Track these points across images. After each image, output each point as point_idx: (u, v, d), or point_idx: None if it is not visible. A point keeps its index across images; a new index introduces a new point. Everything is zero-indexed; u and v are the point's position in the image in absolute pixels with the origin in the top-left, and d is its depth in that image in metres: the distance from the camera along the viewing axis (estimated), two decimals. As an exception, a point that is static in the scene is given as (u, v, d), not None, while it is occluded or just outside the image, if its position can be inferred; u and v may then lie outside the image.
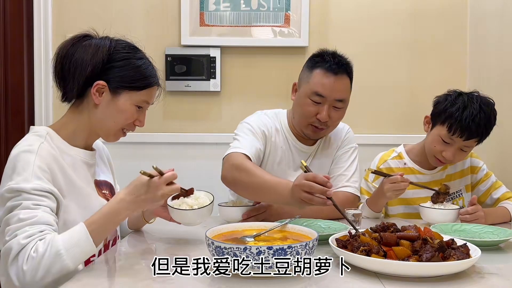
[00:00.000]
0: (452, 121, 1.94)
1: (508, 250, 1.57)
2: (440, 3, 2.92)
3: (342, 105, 1.96)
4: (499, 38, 2.57)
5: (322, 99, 1.93)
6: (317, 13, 2.90)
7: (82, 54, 1.47)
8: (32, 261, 1.22)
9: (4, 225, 1.31)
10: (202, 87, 2.88)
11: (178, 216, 1.56)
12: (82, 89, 1.49)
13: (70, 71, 1.47)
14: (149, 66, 1.55)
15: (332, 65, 1.93)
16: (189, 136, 2.91)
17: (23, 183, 1.31)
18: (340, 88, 1.94)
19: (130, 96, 1.51)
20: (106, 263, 1.41)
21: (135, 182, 1.39)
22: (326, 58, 1.95)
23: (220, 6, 2.87)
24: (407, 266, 1.23)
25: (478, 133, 1.94)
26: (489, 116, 1.95)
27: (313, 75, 1.95)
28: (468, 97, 1.98)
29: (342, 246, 1.35)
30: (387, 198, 1.92)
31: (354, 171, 2.08)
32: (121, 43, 1.53)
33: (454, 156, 2.01)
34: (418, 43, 2.93)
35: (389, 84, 2.94)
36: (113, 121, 1.51)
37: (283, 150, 2.06)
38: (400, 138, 2.78)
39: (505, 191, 2.12)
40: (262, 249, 1.16)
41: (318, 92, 1.92)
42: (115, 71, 1.49)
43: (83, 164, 1.52)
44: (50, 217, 1.31)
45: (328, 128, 2.00)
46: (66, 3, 2.90)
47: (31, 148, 1.38)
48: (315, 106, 1.94)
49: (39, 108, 2.88)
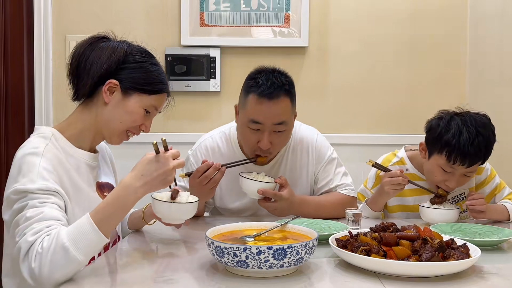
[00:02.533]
0: (450, 150, 1.83)
1: (508, 250, 1.57)
2: (440, 3, 2.92)
3: (283, 127, 1.84)
4: (499, 38, 2.57)
5: (261, 126, 1.81)
6: (317, 13, 2.90)
7: (99, 54, 1.49)
8: (39, 256, 1.21)
9: (14, 227, 1.30)
10: (202, 87, 2.88)
11: (160, 209, 1.48)
12: (94, 88, 1.50)
13: (85, 68, 1.48)
14: (162, 74, 1.57)
15: (264, 90, 1.79)
16: (189, 136, 2.91)
17: (29, 184, 1.30)
18: (277, 112, 1.80)
19: (141, 99, 1.52)
20: (106, 263, 1.41)
21: (140, 163, 1.35)
22: (259, 81, 1.82)
23: (220, 6, 2.87)
24: (407, 266, 1.23)
25: (479, 157, 1.85)
26: (488, 137, 1.86)
27: (248, 101, 1.83)
28: (461, 120, 1.87)
29: (342, 246, 1.35)
30: (385, 194, 1.89)
31: (341, 176, 2.03)
32: (138, 48, 1.56)
33: (458, 183, 1.93)
34: (418, 43, 2.93)
35: (389, 84, 2.94)
36: (119, 122, 1.51)
37: (233, 173, 1.90)
38: (400, 138, 2.79)
39: (509, 192, 2.08)
40: (262, 249, 1.17)
41: (254, 120, 1.81)
42: (128, 72, 1.50)
43: (86, 166, 1.52)
44: (57, 213, 1.30)
45: (273, 153, 1.91)
46: (66, 3, 2.90)
47: (36, 150, 1.38)
48: (255, 134, 1.83)
49: (39, 108, 2.88)
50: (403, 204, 2.05)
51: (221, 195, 2.02)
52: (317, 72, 2.92)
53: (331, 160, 2.04)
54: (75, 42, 2.86)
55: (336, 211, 1.93)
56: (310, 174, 2.03)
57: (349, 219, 1.77)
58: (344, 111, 2.94)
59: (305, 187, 2.03)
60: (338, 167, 2.05)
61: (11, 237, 1.34)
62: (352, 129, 2.93)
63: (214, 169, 1.74)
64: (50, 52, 2.87)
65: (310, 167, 2.02)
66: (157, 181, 1.35)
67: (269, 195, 1.82)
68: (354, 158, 2.68)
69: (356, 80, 2.94)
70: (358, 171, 2.46)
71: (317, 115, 2.84)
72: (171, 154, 1.37)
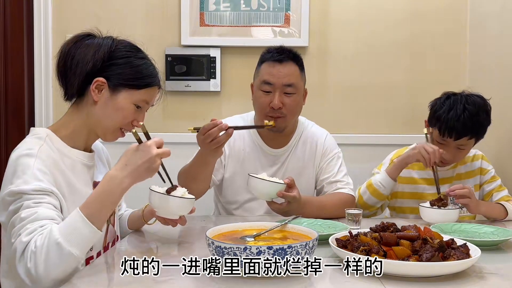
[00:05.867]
0: (440, 124, 2.04)
1: (508, 250, 1.57)
2: (440, 3, 2.92)
3: (293, 90, 2.01)
4: (499, 38, 2.57)
5: (272, 87, 2.00)
6: (317, 13, 2.90)
7: (84, 51, 1.47)
8: (33, 256, 1.21)
9: (10, 229, 1.31)
10: (202, 87, 2.88)
11: (156, 201, 1.47)
12: (82, 87, 1.49)
13: (71, 68, 1.47)
14: (150, 67, 1.55)
15: (275, 55, 2.02)
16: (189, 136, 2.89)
17: (23, 185, 1.30)
18: (287, 73, 2.00)
19: (130, 95, 1.50)
20: (106, 262, 1.41)
21: (124, 154, 1.36)
22: (270, 50, 2.06)
23: (220, 6, 2.87)
24: (407, 266, 1.23)
25: (466, 132, 2.01)
26: (476, 114, 2.01)
27: (261, 69, 2.05)
28: (455, 98, 2.06)
29: (342, 246, 1.36)
30: (411, 157, 2.03)
31: (343, 175, 2.13)
32: (123, 43, 1.54)
33: (454, 156, 2.07)
34: (418, 43, 2.93)
35: (389, 84, 2.93)
36: (110, 120, 1.50)
37: (247, 152, 2.11)
38: (400, 138, 2.79)
39: (505, 194, 2.15)
40: (262, 249, 1.17)
41: (266, 81, 2.00)
42: (115, 69, 1.49)
43: (82, 166, 1.51)
44: (52, 212, 1.30)
45: (286, 117, 2.02)
46: (66, 3, 2.89)
47: (30, 152, 1.37)
48: (267, 96, 2.01)
49: (39, 108, 2.88)
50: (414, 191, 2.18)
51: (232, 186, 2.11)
52: (317, 72, 2.92)
53: (337, 158, 2.16)
54: (75, 42, 2.88)
55: (337, 211, 1.96)
56: (315, 165, 2.14)
57: (349, 219, 1.77)
58: (344, 111, 2.94)
59: (311, 178, 2.14)
60: (342, 166, 2.16)
61: (8, 238, 1.34)
62: (352, 129, 2.93)
63: (219, 129, 1.77)
64: (50, 51, 2.87)
65: (316, 159, 2.14)
66: (142, 169, 1.35)
67: (288, 198, 1.84)
68: (354, 158, 2.68)
69: (356, 80, 2.94)
70: (358, 171, 2.45)
71: (317, 115, 2.82)
72: (154, 142, 1.37)
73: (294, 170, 2.09)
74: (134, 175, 1.34)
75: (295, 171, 2.08)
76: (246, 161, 2.10)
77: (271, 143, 2.12)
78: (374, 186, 2.07)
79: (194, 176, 1.90)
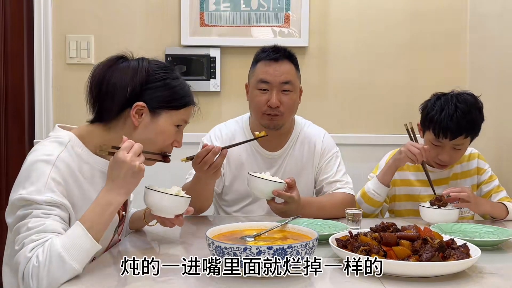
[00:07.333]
0: (434, 125, 2.02)
1: (508, 250, 1.57)
2: (440, 3, 2.92)
3: (290, 87, 2.01)
4: (499, 38, 2.57)
5: (269, 86, 2.00)
6: (317, 13, 2.90)
7: (120, 76, 1.46)
8: (36, 271, 1.20)
9: (15, 233, 1.30)
10: (202, 87, 2.88)
11: (151, 199, 1.47)
12: (120, 111, 1.47)
13: (108, 93, 1.46)
14: (185, 86, 1.57)
15: (270, 53, 2.02)
16: (189, 136, 2.89)
17: (35, 194, 1.29)
18: (283, 71, 2.00)
19: (170, 116, 1.51)
20: (106, 262, 1.41)
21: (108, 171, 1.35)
22: (265, 49, 2.06)
23: (220, 6, 2.87)
24: (407, 266, 1.23)
25: (461, 130, 1.99)
26: (468, 112, 2.00)
27: (256, 68, 2.04)
28: (445, 98, 2.05)
29: (342, 246, 1.36)
30: (398, 160, 2.02)
31: (342, 174, 2.13)
32: (158, 64, 1.54)
33: (451, 157, 2.06)
34: (418, 43, 2.93)
35: (389, 84, 2.93)
36: (152, 143, 1.49)
37: (244, 157, 2.10)
38: (400, 138, 2.78)
39: (505, 195, 2.15)
40: (262, 249, 1.17)
41: (262, 79, 2.00)
42: (153, 92, 1.48)
43: (101, 174, 1.47)
44: (58, 225, 1.29)
45: (283, 115, 2.02)
46: (66, 3, 2.89)
47: (48, 158, 1.35)
48: (264, 94, 2.01)
49: (39, 109, 2.87)
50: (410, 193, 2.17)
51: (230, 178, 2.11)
52: (317, 72, 2.92)
53: (335, 157, 2.15)
54: (75, 42, 2.89)
55: (337, 211, 1.96)
56: (314, 166, 2.13)
57: (349, 219, 1.77)
58: (344, 111, 2.94)
59: (310, 178, 2.13)
60: (341, 165, 2.15)
61: (12, 240, 1.33)
62: (352, 129, 2.93)
63: (214, 154, 1.76)
64: (50, 52, 2.87)
65: (315, 159, 2.13)
66: (128, 179, 1.33)
67: (284, 197, 1.83)
68: (354, 158, 2.68)
69: (356, 80, 2.94)
70: (358, 171, 2.45)
71: (317, 115, 2.83)
72: (124, 148, 1.34)
73: (292, 172, 2.08)
74: (123, 187, 1.33)
75: (294, 173, 2.07)
76: (244, 166, 2.09)
77: (268, 145, 2.11)
78: (368, 195, 2.07)
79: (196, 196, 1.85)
